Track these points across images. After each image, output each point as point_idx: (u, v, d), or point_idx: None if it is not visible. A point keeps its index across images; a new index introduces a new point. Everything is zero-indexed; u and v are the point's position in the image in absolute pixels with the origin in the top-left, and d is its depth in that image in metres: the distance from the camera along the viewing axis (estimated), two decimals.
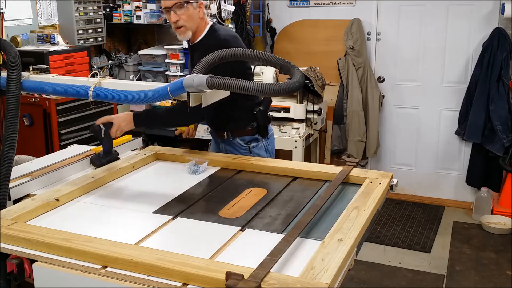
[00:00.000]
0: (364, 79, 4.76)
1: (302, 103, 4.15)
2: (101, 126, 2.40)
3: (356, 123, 4.73)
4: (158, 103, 4.78)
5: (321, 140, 4.83)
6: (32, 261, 1.60)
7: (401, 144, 4.96)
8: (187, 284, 1.44)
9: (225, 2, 4.54)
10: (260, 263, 1.45)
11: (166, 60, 4.94)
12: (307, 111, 4.21)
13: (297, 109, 4.13)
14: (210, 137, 4.51)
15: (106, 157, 2.42)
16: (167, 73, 4.98)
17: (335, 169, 2.28)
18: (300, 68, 1.98)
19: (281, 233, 1.77)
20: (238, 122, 2.68)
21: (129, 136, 2.77)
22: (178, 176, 2.39)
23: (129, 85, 1.96)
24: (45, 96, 3.95)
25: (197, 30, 2.51)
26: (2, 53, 1.95)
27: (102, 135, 2.39)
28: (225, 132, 2.71)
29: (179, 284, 1.44)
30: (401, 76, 4.83)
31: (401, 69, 4.81)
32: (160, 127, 2.68)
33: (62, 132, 4.16)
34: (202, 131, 4.72)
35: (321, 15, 4.92)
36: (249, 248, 1.69)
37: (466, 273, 3.66)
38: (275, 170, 2.35)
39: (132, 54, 5.48)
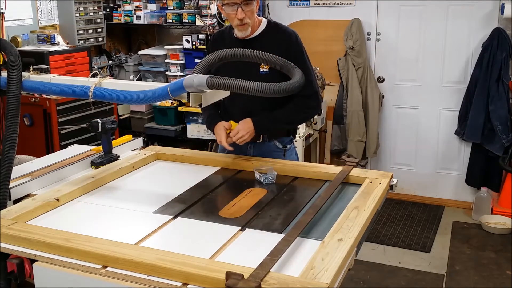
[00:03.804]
0: (364, 79, 4.76)
1: None
2: (99, 120, 2.41)
3: (356, 123, 4.73)
4: (158, 103, 4.79)
5: (321, 140, 4.83)
6: (33, 261, 1.60)
7: (401, 144, 4.96)
8: (187, 284, 1.44)
9: None
10: (260, 263, 1.46)
11: (166, 60, 4.95)
12: None
13: None
14: (209, 138, 4.50)
15: (106, 157, 2.43)
16: (167, 73, 4.99)
17: (335, 169, 2.28)
18: None
19: (281, 233, 1.77)
20: None
21: (129, 136, 2.77)
22: (178, 176, 2.40)
23: (129, 85, 1.96)
24: (46, 96, 3.96)
25: (253, 25, 2.45)
26: (3, 53, 1.95)
27: (99, 130, 2.40)
28: (262, 135, 2.55)
29: (179, 284, 1.44)
30: (401, 76, 4.83)
31: (401, 69, 4.82)
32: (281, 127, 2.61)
33: (62, 132, 4.17)
34: (202, 131, 4.73)
35: (321, 15, 4.91)
36: (249, 248, 1.69)
37: (466, 273, 3.66)
38: (275, 170, 2.35)
39: (132, 54, 5.49)
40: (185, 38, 4.76)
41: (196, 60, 4.67)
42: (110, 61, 5.29)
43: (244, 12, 2.32)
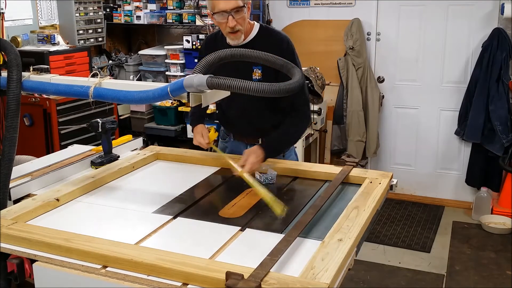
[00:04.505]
0: (364, 79, 4.76)
1: None
2: (99, 120, 2.41)
3: (356, 123, 4.74)
4: (158, 103, 4.79)
5: (321, 140, 4.83)
6: (33, 261, 1.60)
7: (401, 144, 4.96)
8: (187, 284, 1.44)
9: None
10: (260, 263, 1.46)
11: (166, 60, 4.95)
12: None
13: None
14: None
15: (106, 157, 2.43)
16: (167, 73, 4.99)
17: (335, 169, 2.28)
18: None
19: (281, 233, 1.77)
20: (277, 126, 2.47)
21: (129, 136, 2.77)
22: (178, 176, 2.40)
23: (129, 85, 1.95)
24: (46, 96, 3.96)
25: (245, 31, 2.39)
26: (3, 53, 1.95)
27: (99, 130, 2.40)
28: (260, 138, 2.51)
29: (179, 284, 1.44)
30: (401, 76, 4.83)
31: (401, 69, 4.82)
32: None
33: (62, 132, 4.17)
34: None
35: (321, 15, 4.92)
36: (249, 248, 1.69)
37: (466, 273, 3.66)
38: (275, 170, 2.35)
39: (132, 54, 5.49)
40: (185, 38, 4.77)
41: (196, 60, 4.66)
42: (110, 61, 5.30)
43: (235, 19, 2.26)
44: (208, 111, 4.35)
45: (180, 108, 4.82)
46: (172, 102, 4.80)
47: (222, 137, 2.73)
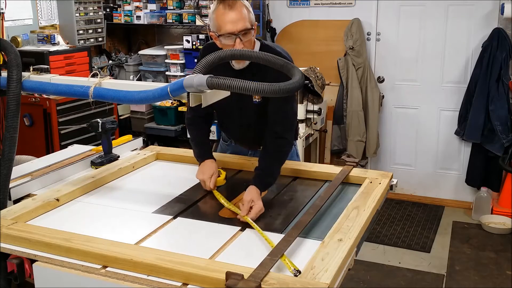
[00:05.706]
0: (364, 79, 4.76)
1: (302, 103, 4.15)
2: (99, 120, 2.41)
3: (356, 123, 4.74)
4: (158, 103, 4.79)
5: (321, 140, 4.83)
6: (33, 261, 1.60)
7: (401, 144, 4.96)
8: (187, 284, 1.44)
9: None
10: (260, 263, 1.46)
11: (166, 60, 4.95)
12: (307, 111, 4.21)
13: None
14: (212, 137, 4.42)
15: (106, 157, 2.43)
16: (167, 73, 4.99)
17: (335, 169, 2.28)
18: (300, 68, 1.98)
19: (281, 233, 1.77)
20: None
21: (129, 136, 2.77)
22: (178, 176, 2.40)
23: (129, 85, 1.95)
24: (46, 96, 3.96)
25: None
26: (3, 53, 1.95)
27: (99, 130, 2.40)
28: (261, 146, 2.38)
29: (179, 284, 1.44)
30: (401, 76, 4.83)
31: (400, 69, 4.82)
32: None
33: (62, 132, 4.17)
34: None
35: (321, 15, 4.92)
36: (249, 248, 1.69)
37: (466, 273, 3.66)
38: None
39: (132, 54, 5.49)
40: (185, 38, 4.77)
41: (196, 60, 4.66)
42: (110, 61, 5.30)
43: (242, 42, 2.13)
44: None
45: (180, 108, 4.83)
46: (172, 102, 4.80)
47: (223, 139, 2.69)
